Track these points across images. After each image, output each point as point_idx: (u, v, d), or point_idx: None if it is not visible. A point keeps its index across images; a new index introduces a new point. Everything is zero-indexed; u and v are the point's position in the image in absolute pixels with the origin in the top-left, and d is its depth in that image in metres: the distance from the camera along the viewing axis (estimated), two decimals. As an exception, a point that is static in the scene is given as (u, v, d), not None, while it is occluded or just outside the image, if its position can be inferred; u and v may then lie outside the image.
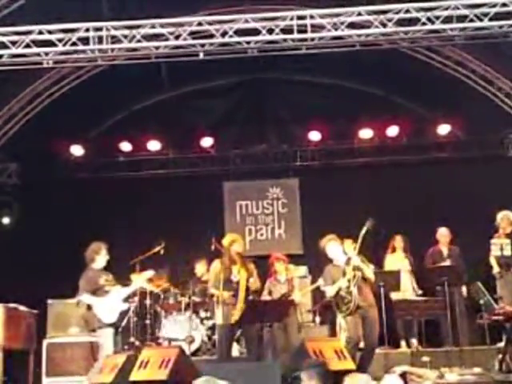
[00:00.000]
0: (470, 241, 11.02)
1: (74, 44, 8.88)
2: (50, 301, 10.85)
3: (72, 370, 9.97)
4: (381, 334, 9.37)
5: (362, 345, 8.70)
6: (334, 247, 8.64)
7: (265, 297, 9.60)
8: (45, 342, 10.36)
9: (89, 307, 8.67)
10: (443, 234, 10.96)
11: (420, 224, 11.83)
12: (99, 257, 8.77)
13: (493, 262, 10.49)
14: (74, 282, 8.79)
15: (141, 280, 9.21)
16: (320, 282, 9.02)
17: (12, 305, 8.81)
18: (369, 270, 8.60)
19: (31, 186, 12.50)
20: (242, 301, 8.69)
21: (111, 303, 8.60)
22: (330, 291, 8.69)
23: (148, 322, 10.75)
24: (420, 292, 10.87)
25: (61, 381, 10.05)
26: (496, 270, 10.42)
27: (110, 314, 8.56)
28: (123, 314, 8.89)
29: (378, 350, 9.54)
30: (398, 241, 11.13)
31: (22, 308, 9.11)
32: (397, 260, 10.99)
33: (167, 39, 8.97)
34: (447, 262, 10.67)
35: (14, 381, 8.91)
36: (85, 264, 8.75)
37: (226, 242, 9.10)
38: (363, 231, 8.54)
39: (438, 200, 12.53)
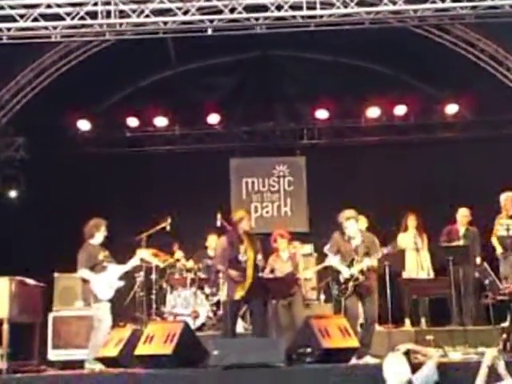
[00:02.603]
0: (476, 221, 11.01)
1: (82, 18, 8.86)
2: (56, 274, 10.94)
3: (77, 343, 10.06)
4: (385, 312, 9.43)
5: (361, 320, 8.79)
6: (353, 226, 8.66)
7: (267, 273, 9.60)
8: (51, 315, 10.46)
9: (84, 281, 8.73)
10: (463, 214, 10.90)
11: (426, 204, 11.83)
12: (98, 233, 8.85)
13: (495, 242, 10.50)
14: (79, 256, 8.84)
15: (136, 259, 9.18)
16: (325, 247, 9.06)
17: (19, 278, 8.85)
18: (375, 263, 8.68)
19: (38, 160, 12.51)
20: (251, 279, 8.69)
21: (108, 280, 8.65)
22: (331, 261, 8.80)
23: (153, 296, 10.79)
24: (432, 272, 10.85)
25: (66, 353, 10.15)
26: (499, 250, 10.43)
27: (107, 291, 8.61)
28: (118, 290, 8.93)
29: (381, 329, 9.60)
30: (411, 219, 11.06)
31: (29, 281, 9.15)
32: (409, 238, 10.93)
33: (175, 14, 8.93)
34: (461, 242, 10.67)
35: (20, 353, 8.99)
36: (83, 239, 8.83)
37: (235, 218, 9.07)
38: (385, 251, 8.69)
39: (445, 180, 12.52)
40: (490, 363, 6.25)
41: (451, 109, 12.98)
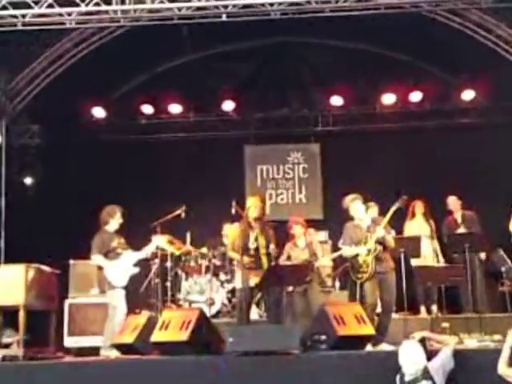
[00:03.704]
0: (492, 208, 10.95)
1: (96, 4, 8.86)
2: (71, 261, 10.98)
3: (93, 330, 10.09)
4: (400, 299, 9.40)
5: (379, 309, 8.77)
6: (359, 207, 8.66)
7: (283, 261, 9.59)
8: (66, 302, 10.52)
9: (100, 268, 8.76)
10: (452, 202, 10.96)
11: (441, 190, 11.76)
12: (113, 220, 8.88)
13: None
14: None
15: (151, 246, 9.21)
16: (340, 241, 9.04)
17: (34, 265, 8.88)
18: (390, 238, 8.63)
19: (53, 148, 12.54)
20: (265, 267, 8.68)
21: (122, 266, 8.67)
22: (347, 252, 8.75)
23: (169, 284, 10.82)
24: (443, 259, 10.86)
25: (82, 340, 10.20)
26: None
27: (120, 278, 8.64)
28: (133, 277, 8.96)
29: (397, 316, 9.58)
30: (418, 206, 11.09)
31: (45, 268, 9.18)
32: (417, 226, 10.96)
33: (190, 0, 8.90)
34: (461, 229, 10.65)
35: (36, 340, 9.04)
36: (98, 226, 8.86)
37: (246, 206, 9.07)
38: (394, 208, 8.59)
39: (461, 166, 12.43)
40: None
41: (467, 95, 12.86)
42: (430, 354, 6.62)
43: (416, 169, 12.67)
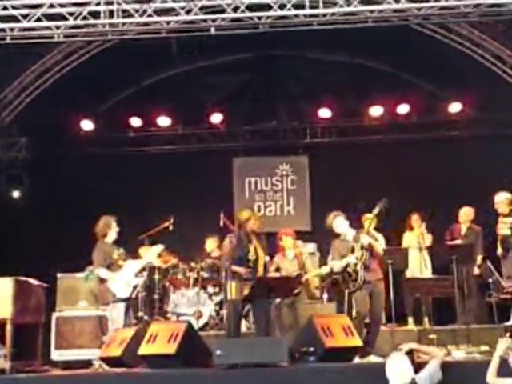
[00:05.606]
0: (480, 220, 10.97)
1: (84, 18, 8.85)
2: (59, 274, 10.91)
3: (80, 343, 10.07)
4: (388, 311, 9.41)
5: (367, 320, 8.77)
6: (341, 222, 8.70)
7: (272, 273, 9.58)
8: (54, 316, 10.46)
9: (101, 281, 8.73)
10: (463, 213, 10.91)
11: (430, 202, 11.80)
12: (111, 231, 8.86)
13: (498, 242, 10.48)
14: (83, 256, 8.87)
15: (151, 254, 9.26)
16: (329, 257, 9.06)
17: (22, 278, 8.84)
18: (378, 245, 8.66)
19: (41, 160, 12.53)
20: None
21: (125, 278, 8.67)
22: (337, 266, 8.75)
23: (156, 296, 10.79)
24: (430, 271, 10.85)
25: (69, 353, 10.14)
26: (499, 251, 10.40)
27: (125, 289, 8.64)
28: (135, 288, 8.98)
29: (385, 328, 9.57)
30: (414, 220, 11.08)
31: (32, 281, 9.14)
32: (414, 238, 10.95)
33: (178, 14, 8.92)
34: (460, 241, 10.65)
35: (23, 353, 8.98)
36: (96, 239, 8.82)
37: (242, 218, 9.01)
38: (375, 211, 8.61)
39: (449, 178, 12.48)
40: (502, 354, 6.24)
41: (454, 107, 12.95)
42: (418, 366, 6.60)
43: (403, 181, 12.70)
